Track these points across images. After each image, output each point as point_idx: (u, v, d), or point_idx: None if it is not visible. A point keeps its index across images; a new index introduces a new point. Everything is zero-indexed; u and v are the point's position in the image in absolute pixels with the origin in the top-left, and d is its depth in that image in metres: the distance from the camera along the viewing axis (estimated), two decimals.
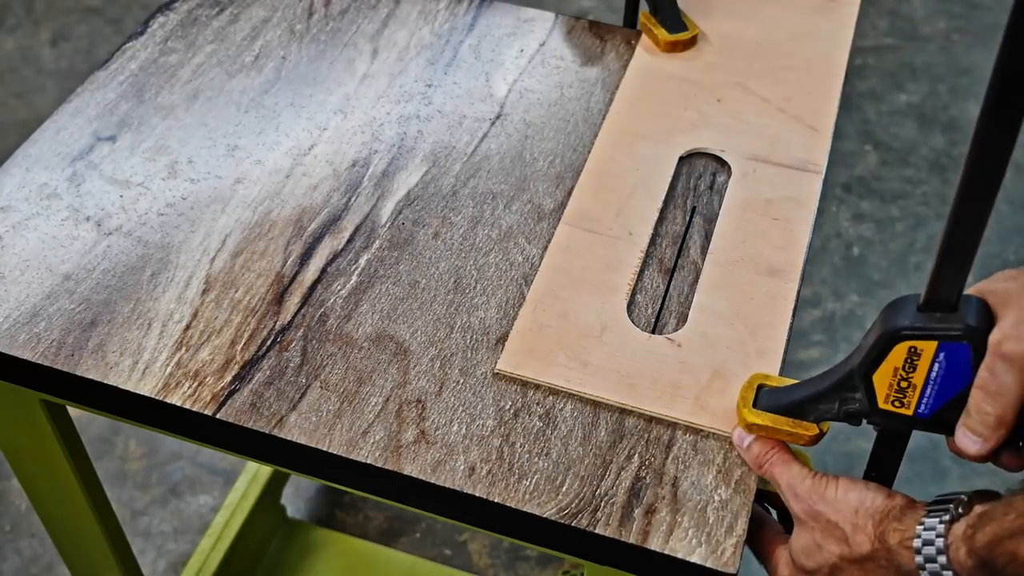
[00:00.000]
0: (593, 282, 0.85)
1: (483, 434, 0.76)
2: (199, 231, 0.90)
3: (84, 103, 1.00)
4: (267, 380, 0.79)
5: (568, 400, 0.78)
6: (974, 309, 0.62)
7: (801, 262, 0.87)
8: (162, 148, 0.96)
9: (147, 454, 1.72)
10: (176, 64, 1.05)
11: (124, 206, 0.91)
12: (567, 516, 0.71)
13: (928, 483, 1.68)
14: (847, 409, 0.69)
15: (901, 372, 0.65)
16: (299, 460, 0.77)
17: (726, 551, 0.70)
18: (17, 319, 0.83)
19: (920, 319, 0.63)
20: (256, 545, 1.46)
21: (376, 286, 0.86)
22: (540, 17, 1.11)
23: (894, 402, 0.67)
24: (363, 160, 0.96)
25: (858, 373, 0.66)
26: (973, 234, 0.60)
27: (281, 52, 1.06)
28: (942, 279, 0.62)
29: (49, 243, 0.88)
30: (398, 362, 0.80)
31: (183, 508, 1.66)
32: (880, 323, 0.65)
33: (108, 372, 0.79)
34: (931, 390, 0.65)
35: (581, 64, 1.06)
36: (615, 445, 0.75)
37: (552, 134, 0.99)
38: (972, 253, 0.60)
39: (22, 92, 2.34)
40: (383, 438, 0.76)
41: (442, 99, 1.02)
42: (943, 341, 0.63)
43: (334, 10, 1.11)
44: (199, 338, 0.82)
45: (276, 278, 0.86)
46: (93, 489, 0.99)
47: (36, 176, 0.94)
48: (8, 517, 1.64)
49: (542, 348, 0.81)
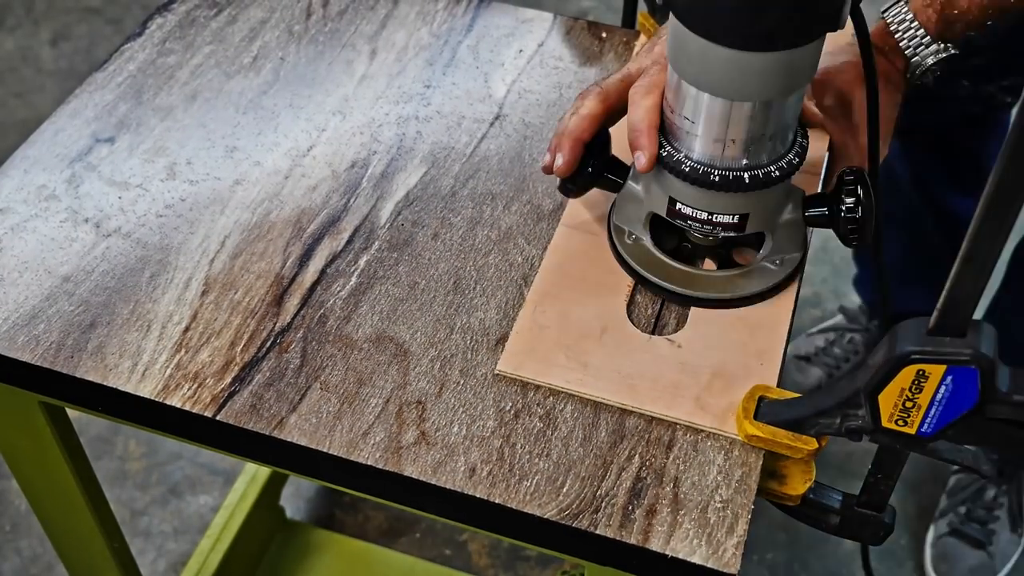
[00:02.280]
0: (593, 283, 0.85)
1: (483, 435, 0.76)
2: (198, 232, 0.89)
3: (82, 104, 1.00)
4: (267, 381, 0.79)
5: (568, 401, 0.78)
6: (983, 335, 0.63)
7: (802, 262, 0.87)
8: (161, 149, 0.96)
9: (147, 454, 1.72)
10: (174, 65, 1.05)
11: (123, 208, 0.91)
12: (568, 517, 0.71)
13: None
14: (849, 425, 0.69)
15: (907, 393, 0.65)
16: (299, 461, 0.77)
17: (727, 551, 0.70)
18: (16, 321, 0.83)
19: (930, 343, 0.64)
20: (255, 546, 1.46)
21: (376, 287, 0.86)
22: (539, 17, 1.11)
23: (897, 421, 0.67)
24: (362, 161, 0.96)
25: (864, 392, 0.67)
26: (985, 265, 0.60)
27: (279, 53, 1.06)
28: (952, 305, 0.62)
29: (48, 245, 0.88)
30: (398, 363, 0.80)
31: (183, 508, 1.66)
32: (889, 345, 0.65)
33: (107, 374, 0.79)
34: (936, 411, 0.66)
35: (580, 64, 1.06)
36: (615, 446, 0.75)
37: (551, 134, 0.98)
38: (984, 282, 0.61)
39: (22, 92, 2.34)
40: (383, 439, 0.76)
41: (441, 100, 1.02)
42: (951, 365, 0.63)
43: (332, 11, 1.11)
44: (199, 340, 0.82)
45: (275, 279, 0.86)
46: (92, 492, 0.99)
47: (34, 178, 0.94)
48: (8, 517, 1.64)
49: (542, 349, 0.80)
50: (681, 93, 0.76)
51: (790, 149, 0.79)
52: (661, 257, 0.84)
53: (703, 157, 0.77)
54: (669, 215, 0.82)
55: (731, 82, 0.72)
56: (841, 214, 0.80)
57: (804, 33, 0.70)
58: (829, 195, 0.82)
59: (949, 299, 0.62)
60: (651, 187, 0.82)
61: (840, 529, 0.79)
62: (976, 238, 0.59)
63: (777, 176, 0.77)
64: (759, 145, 0.76)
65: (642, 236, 0.85)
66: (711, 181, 0.77)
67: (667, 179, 0.80)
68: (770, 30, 0.68)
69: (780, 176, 0.78)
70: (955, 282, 0.61)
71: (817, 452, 0.73)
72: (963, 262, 0.60)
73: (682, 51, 0.73)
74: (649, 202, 0.83)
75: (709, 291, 0.83)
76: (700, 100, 0.75)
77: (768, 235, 0.83)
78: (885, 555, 1.62)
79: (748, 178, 0.77)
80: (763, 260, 0.84)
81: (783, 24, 0.68)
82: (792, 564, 1.62)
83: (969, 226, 0.59)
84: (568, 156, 0.81)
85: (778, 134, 0.77)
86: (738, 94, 0.73)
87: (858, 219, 0.80)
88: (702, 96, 0.74)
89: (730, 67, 0.71)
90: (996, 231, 0.58)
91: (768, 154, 0.77)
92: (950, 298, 0.62)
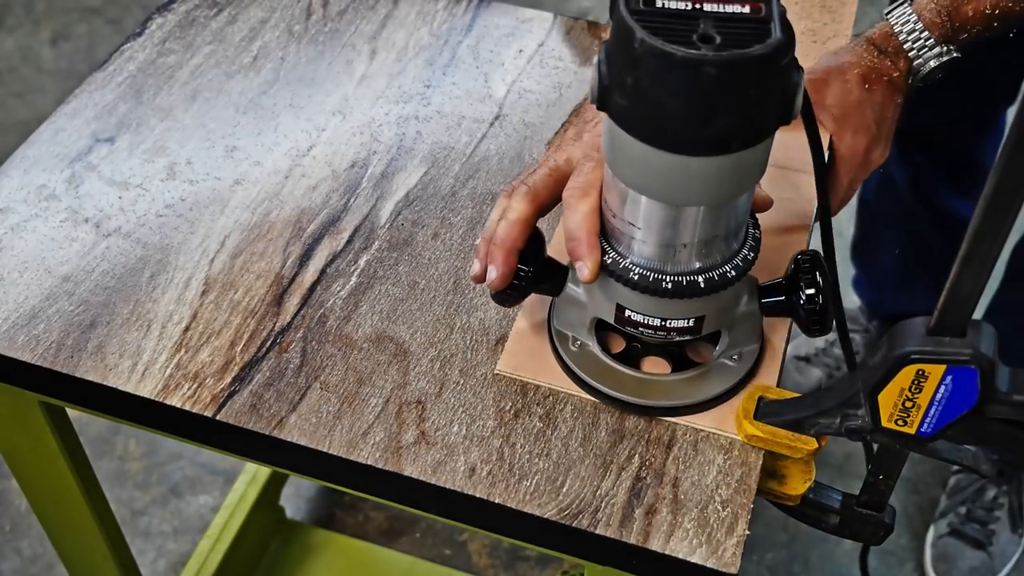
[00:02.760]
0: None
1: (483, 435, 0.76)
2: (198, 232, 0.89)
3: (82, 104, 1.00)
4: (267, 381, 0.79)
5: (568, 401, 0.78)
6: (982, 335, 0.63)
7: None
8: (161, 149, 0.96)
9: (147, 454, 1.72)
10: (174, 65, 1.05)
11: (123, 207, 0.91)
12: (568, 517, 0.71)
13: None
14: (849, 425, 0.69)
15: (907, 393, 0.65)
16: (299, 461, 0.77)
17: (727, 551, 0.70)
18: (16, 321, 0.83)
19: (930, 343, 0.64)
20: (255, 546, 1.46)
21: (375, 287, 0.86)
22: (538, 17, 1.11)
23: (897, 421, 0.67)
24: (362, 161, 0.96)
25: (864, 392, 0.67)
26: (985, 265, 0.60)
27: (279, 53, 1.06)
28: (952, 305, 0.62)
29: (48, 244, 0.88)
30: (398, 363, 0.80)
31: (183, 508, 1.66)
32: (889, 344, 0.65)
33: (107, 374, 0.79)
34: (935, 411, 0.66)
35: (580, 64, 1.06)
36: (615, 446, 0.75)
37: (551, 135, 0.99)
38: (984, 282, 0.61)
39: (22, 92, 2.34)
40: (383, 439, 0.76)
41: (441, 100, 1.02)
42: (951, 365, 0.63)
43: (332, 11, 1.11)
44: (198, 339, 0.82)
45: (275, 279, 0.86)
46: (92, 492, 0.99)
47: (34, 178, 0.94)
48: (8, 517, 1.64)
49: (542, 349, 0.80)
50: (622, 197, 0.69)
51: (743, 244, 0.72)
52: (612, 364, 0.78)
53: (652, 263, 0.70)
54: (617, 322, 0.75)
55: (679, 188, 0.65)
56: (801, 303, 0.74)
57: (758, 134, 0.64)
58: (785, 283, 0.76)
59: (949, 299, 0.62)
60: (594, 292, 0.75)
61: (840, 529, 0.79)
62: (976, 238, 0.59)
63: (733, 276, 0.71)
64: (712, 246, 0.70)
65: (587, 342, 0.78)
66: (663, 289, 0.70)
67: (613, 286, 0.72)
68: (720, 136, 0.62)
69: (736, 275, 0.71)
70: (955, 282, 0.61)
71: (817, 452, 0.73)
72: (963, 262, 0.60)
73: (621, 155, 0.65)
74: (593, 307, 0.76)
75: (670, 398, 0.76)
76: (644, 205, 0.68)
77: (724, 332, 0.78)
78: (885, 555, 1.62)
79: (703, 282, 0.70)
80: (720, 357, 0.78)
81: (735, 129, 0.62)
82: (792, 564, 1.62)
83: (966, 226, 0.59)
84: (502, 269, 0.73)
85: (731, 232, 0.71)
86: (687, 200, 0.66)
87: (818, 309, 0.74)
88: (647, 202, 0.67)
89: (677, 173, 0.64)
90: (996, 231, 0.58)
91: (721, 253, 0.71)
92: (950, 298, 0.62)
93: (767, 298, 0.77)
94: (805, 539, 1.63)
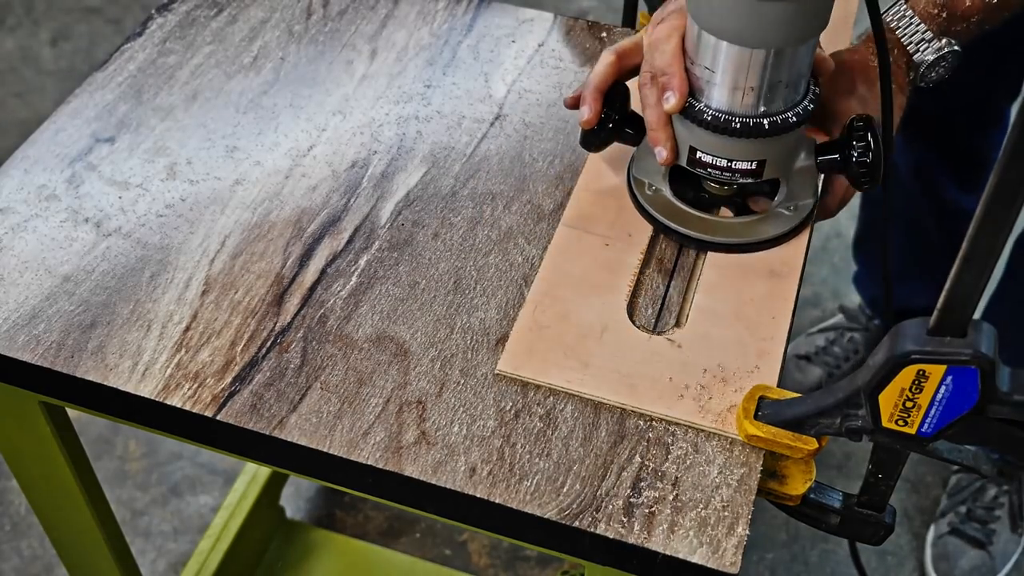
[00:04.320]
0: (593, 283, 0.85)
1: (484, 435, 0.76)
2: (198, 232, 0.89)
3: (82, 104, 1.00)
4: (267, 381, 0.79)
5: (569, 401, 0.78)
6: (983, 335, 0.63)
7: (801, 262, 0.87)
8: (161, 149, 0.96)
9: (147, 454, 1.72)
10: (175, 65, 1.05)
11: (123, 207, 0.91)
12: (568, 517, 0.71)
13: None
14: (849, 425, 0.69)
15: (907, 393, 0.65)
16: (299, 461, 0.77)
17: (727, 551, 0.70)
18: (16, 321, 0.83)
19: (930, 343, 0.64)
20: (255, 546, 1.46)
21: (376, 287, 0.86)
22: (539, 17, 1.11)
23: (898, 421, 0.67)
24: (362, 161, 0.96)
25: (865, 392, 0.67)
26: (985, 265, 0.60)
27: (280, 53, 1.06)
28: (952, 305, 0.62)
29: (48, 245, 0.88)
30: (398, 363, 0.80)
31: (183, 508, 1.66)
32: (889, 345, 0.65)
33: (108, 374, 0.79)
34: (936, 411, 0.66)
35: (580, 64, 1.06)
36: (616, 446, 0.75)
37: (551, 134, 0.99)
38: (984, 282, 0.61)
39: (22, 92, 2.34)
40: (384, 439, 0.76)
41: (441, 100, 1.02)
42: (952, 365, 0.63)
43: (332, 11, 1.11)
44: (199, 339, 0.82)
45: (276, 279, 0.86)
46: (92, 492, 0.99)
47: (35, 178, 0.94)
48: (8, 517, 1.64)
49: (542, 349, 0.80)
50: (701, 43, 0.79)
51: (804, 96, 0.82)
52: (681, 206, 0.88)
53: (722, 105, 0.81)
54: (689, 164, 0.85)
55: (750, 30, 0.76)
56: (853, 159, 0.83)
57: None
58: (840, 142, 0.85)
59: (949, 299, 0.62)
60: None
61: (840, 529, 0.79)
62: (976, 238, 0.59)
63: (794, 121, 0.81)
64: (776, 92, 0.80)
65: (661, 187, 0.89)
66: (732, 128, 0.80)
67: (687, 129, 0.83)
68: None
69: (797, 121, 0.81)
70: (955, 282, 0.61)
71: (817, 452, 0.73)
72: (963, 262, 0.60)
73: (704, 2, 0.77)
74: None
75: (728, 236, 0.87)
76: (720, 49, 0.78)
77: (783, 182, 0.88)
78: (885, 555, 1.62)
79: (767, 124, 0.80)
80: (778, 207, 0.88)
81: None
82: (792, 564, 1.62)
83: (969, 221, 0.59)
84: (593, 105, 0.86)
85: (793, 81, 0.80)
86: (757, 42, 0.77)
87: (869, 163, 0.83)
88: (721, 45, 0.78)
89: (750, 15, 0.75)
90: (996, 231, 0.58)
91: (784, 101, 0.81)
92: (950, 298, 0.62)
93: (823, 155, 0.86)
94: (805, 539, 1.63)
